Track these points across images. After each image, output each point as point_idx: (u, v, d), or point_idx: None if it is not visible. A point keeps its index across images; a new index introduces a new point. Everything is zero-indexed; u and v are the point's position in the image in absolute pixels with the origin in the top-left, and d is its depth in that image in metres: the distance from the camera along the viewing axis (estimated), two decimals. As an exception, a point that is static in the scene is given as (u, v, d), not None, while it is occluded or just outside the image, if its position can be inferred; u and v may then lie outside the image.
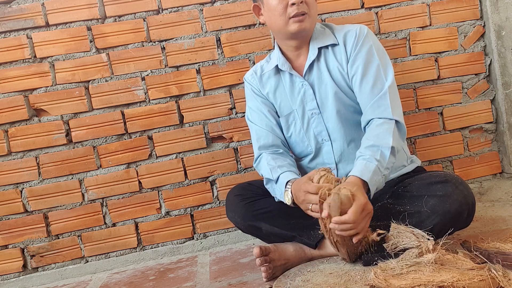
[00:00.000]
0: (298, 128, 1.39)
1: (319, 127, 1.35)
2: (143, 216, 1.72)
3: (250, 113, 1.45)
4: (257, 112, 1.43)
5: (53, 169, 1.67)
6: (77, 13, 1.66)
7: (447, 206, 1.10)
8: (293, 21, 1.25)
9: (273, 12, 1.27)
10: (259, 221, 1.34)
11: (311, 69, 1.34)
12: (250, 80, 1.45)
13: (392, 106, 1.21)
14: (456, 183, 1.12)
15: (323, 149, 1.37)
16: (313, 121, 1.36)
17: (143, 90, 1.70)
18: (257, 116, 1.43)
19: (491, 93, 1.83)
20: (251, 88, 1.44)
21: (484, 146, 1.85)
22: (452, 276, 0.89)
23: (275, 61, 1.39)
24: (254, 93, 1.44)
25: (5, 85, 1.65)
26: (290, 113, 1.39)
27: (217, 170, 1.74)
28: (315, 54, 1.32)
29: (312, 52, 1.33)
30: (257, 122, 1.43)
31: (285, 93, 1.38)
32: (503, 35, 1.77)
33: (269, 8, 1.29)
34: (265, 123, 1.41)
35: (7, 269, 1.67)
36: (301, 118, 1.37)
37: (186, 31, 1.71)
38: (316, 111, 1.35)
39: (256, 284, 1.24)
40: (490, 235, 1.26)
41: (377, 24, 1.77)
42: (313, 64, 1.34)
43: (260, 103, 1.42)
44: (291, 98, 1.37)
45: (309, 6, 1.26)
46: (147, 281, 1.48)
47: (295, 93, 1.36)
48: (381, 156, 1.14)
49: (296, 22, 1.25)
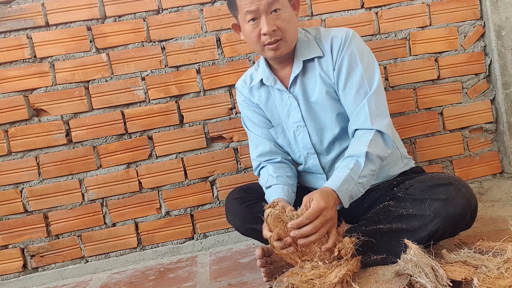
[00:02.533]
0: (287, 139, 1.40)
1: (305, 139, 1.35)
2: (143, 216, 1.72)
3: (245, 121, 1.47)
4: (251, 121, 1.44)
5: (53, 169, 1.67)
6: (77, 13, 1.66)
7: (450, 210, 1.09)
8: (268, 48, 1.24)
9: (248, 38, 1.27)
10: (259, 223, 1.33)
11: (295, 82, 1.32)
12: (240, 89, 1.46)
13: (372, 116, 1.19)
14: (459, 186, 1.12)
15: (309, 161, 1.38)
16: (298, 134, 1.36)
17: (143, 90, 1.70)
18: (251, 124, 1.44)
19: (491, 93, 1.83)
20: (242, 97, 1.45)
21: (484, 146, 1.85)
22: None
23: (260, 73, 1.37)
24: (246, 102, 1.45)
25: (5, 85, 1.65)
26: (279, 124, 1.39)
27: (217, 170, 1.74)
28: (299, 67, 1.30)
29: (296, 66, 1.30)
30: (253, 130, 1.44)
31: (274, 105, 1.39)
32: (503, 35, 1.77)
33: (244, 33, 1.28)
34: (261, 131, 1.42)
35: (7, 269, 1.67)
36: (289, 129, 1.38)
37: (186, 31, 1.71)
38: (301, 123, 1.34)
39: (256, 284, 1.24)
40: (490, 235, 1.26)
41: (377, 24, 1.77)
42: (297, 77, 1.32)
43: (252, 112, 1.43)
44: (280, 110, 1.38)
45: (283, 30, 1.22)
46: (147, 281, 1.48)
47: (282, 104, 1.36)
48: (354, 165, 1.13)
49: (271, 50, 1.24)
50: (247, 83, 1.43)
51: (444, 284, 0.92)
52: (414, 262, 0.98)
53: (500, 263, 0.98)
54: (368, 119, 1.19)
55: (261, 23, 1.20)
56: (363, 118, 1.20)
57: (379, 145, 1.18)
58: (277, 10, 1.20)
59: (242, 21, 1.25)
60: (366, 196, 1.34)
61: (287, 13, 1.23)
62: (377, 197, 1.31)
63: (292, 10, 1.27)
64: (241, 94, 1.45)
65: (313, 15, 1.75)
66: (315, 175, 1.41)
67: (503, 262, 0.97)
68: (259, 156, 1.41)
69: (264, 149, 1.41)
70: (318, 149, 1.35)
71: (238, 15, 1.27)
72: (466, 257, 1.04)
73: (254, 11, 1.19)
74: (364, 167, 1.13)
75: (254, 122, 1.43)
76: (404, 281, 1.01)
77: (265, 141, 1.41)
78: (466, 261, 1.03)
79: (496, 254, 1.04)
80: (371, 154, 1.15)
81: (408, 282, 1.00)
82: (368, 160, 1.14)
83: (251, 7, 1.19)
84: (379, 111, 1.21)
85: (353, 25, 1.74)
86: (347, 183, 1.11)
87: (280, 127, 1.39)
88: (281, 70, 1.35)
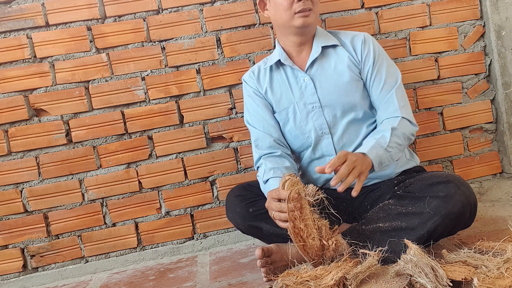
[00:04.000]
0: (298, 120, 1.41)
1: (319, 120, 1.38)
2: (143, 216, 1.72)
3: (248, 115, 1.48)
4: (255, 114, 1.45)
5: (53, 169, 1.67)
6: (77, 13, 1.66)
7: (449, 207, 1.10)
8: (298, 16, 1.31)
9: (279, 7, 1.33)
10: (260, 221, 1.34)
11: (313, 65, 1.39)
12: (248, 80, 1.48)
13: (400, 106, 1.31)
14: (458, 184, 1.12)
15: (322, 141, 1.40)
16: (313, 115, 1.39)
17: (143, 90, 1.70)
18: (254, 118, 1.45)
19: (491, 93, 1.83)
20: (249, 88, 1.47)
21: (484, 146, 1.85)
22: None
23: (276, 56, 1.43)
24: (253, 93, 1.46)
25: (5, 85, 1.65)
26: (290, 106, 1.41)
27: (217, 170, 1.74)
28: (318, 51, 1.38)
29: (315, 49, 1.39)
30: (255, 125, 1.45)
31: (285, 86, 1.42)
32: (503, 35, 1.77)
33: (275, 3, 1.34)
34: (262, 126, 1.44)
35: (7, 269, 1.67)
36: (301, 111, 1.40)
37: (186, 31, 1.71)
38: (317, 105, 1.38)
39: (256, 284, 1.24)
40: (490, 235, 1.26)
41: (377, 24, 1.77)
42: (315, 61, 1.39)
43: (257, 104, 1.45)
44: (292, 91, 1.41)
45: (313, 3, 1.32)
46: (147, 281, 1.48)
47: (296, 86, 1.40)
48: (381, 137, 1.24)
49: (301, 17, 1.31)
50: (255, 73, 1.48)
51: (444, 284, 0.92)
52: (414, 262, 0.98)
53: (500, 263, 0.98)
54: (398, 109, 1.31)
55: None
56: (392, 108, 1.32)
57: (406, 126, 1.30)
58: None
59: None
60: (367, 195, 1.35)
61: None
62: (378, 195, 1.31)
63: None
64: (248, 85, 1.48)
65: (313, 15, 1.74)
66: (324, 158, 1.41)
67: (503, 262, 0.98)
68: (259, 149, 1.43)
69: (264, 143, 1.42)
70: (332, 130, 1.39)
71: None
72: (466, 257, 1.04)
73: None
74: (391, 139, 1.23)
75: (257, 115, 1.45)
76: (404, 281, 1.01)
77: (265, 135, 1.43)
78: (466, 261, 1.03)
79: (496, 254, 1.04)
80: (397, 129, 1.25)
81: (408, 282, 1.00)
82: (394, 134, 1.24)
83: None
84: (405, 102, 1.34)
85: (353, 25, 1.75)
86: (376, 149, 1.20)
87: (292, 108, 1.41)
88: (298, 54, 1.42)
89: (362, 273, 1.03)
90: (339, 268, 1.04)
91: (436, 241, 1.16)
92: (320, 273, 1.03)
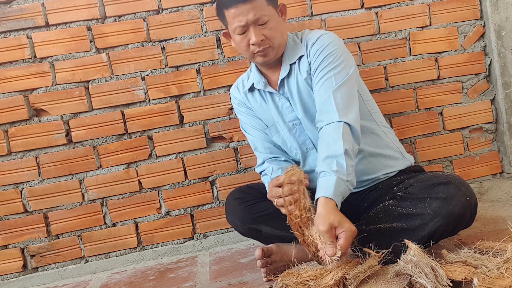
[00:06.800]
0: (282, 138, 1.41)
1: (302, 136, 1.38)
2: (143, 216, 1.72)
3: (243, 124, 1.50)
4: (248, 125, 1.47)
5: (53, 169, 1.67)
6: (77, 13, 1.66)
7: (450, 208, 1.09)
8: (257, 55, 1.30)
9: (239, 46, 1.32)
10: (259, 223, 1.34)
11: (283, 84, 1.36)
12: (235, 95, 1.50)
13: (338, 109, 1.19)
14: (458, 184, 1.12)
15: (309, 157, 1.39)
16: (295, 131, 1.38)
17: (143, 90, 1.70)
18: (249, 128, 1.47)
19: (491, 93, 1.83)
20: (237, 101, 1.48)
21: (484, 146, 1.85)
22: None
23: (252, 78, 1.42)
24: (240, 106, 1.48)
25: (5, 85, 1.65)
26: (273, 125, 1.42)
27: (217, 170, 1.74)
28: (286, 71, 1.34)
29: (284, 69, 1.34)
30: (251, 133, 1.47)
31: (265, 107, 1.41)
32: (503, 35, 1.77)
33: (234, 41, 1.34)
34: (258, 134, 1.45)
35: (7, 269, 1.67)
36: (283, 129, 1.40)
37: (186, 31, 1.71)
38: (297, 122, 1.37)
39: (256, 284, 1.24)
40: (490, 235, 1.26)
41: (377, 24, 1.77)
42: (284, 80, 1.35)
43: (248, 116, 1.46)
44: (272, 111, 1.40)
45: (270, 38, 1.27)
46: (147, 281, 1.48)
47: (273, 106, 1.39)
48: (337, 166, 1.11)
49: (260, 56, 1.29)
50: (240, 89, 1.47)
51: (444, 284, 0.92)
52: (414, 262, 0.98)
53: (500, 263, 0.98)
54: (335, 113, 1.19)
55: (250, 34, 1.26)
56: (331, 112, 1.20)
57: (350, 139, 1.17)
58: (264, 21, 1.25)
59: (232, 32, 1.31)
60: (366, 196, 1.35)
61: (274, 21, 1.28)
62: (377, 196, 1.31)
63: (279, 17, 1.32)
64: (235, 98, 1.49)
65: (313, 15, 1.75)
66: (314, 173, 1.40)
67: (503, 262, 0.98)
68: (261, 155, 1.44)
69: (264, 150, 1.44)
70: (317, 144, 1.35)
71: (228, 26, 1.32)
72: (466, 257, 1.04)
73: (243, 25, 1.25)
74: (347, 165, 1.12)
75: (250, 126, 1.46)
76: (404, 281, 1.01)
77: (264, 142, 1.44)
78: (466, 261, 1.03)
79: (496, 254, 1.04)
80: (348, 150, 1.14)
81: (408, 282, 1.00)
82: (347, 157, 1.13)
83: (240, 22, 1.25)
84: (347, 105, 1.21)
85: (353, 25, 1.75)
86: (339, 186, 1.10)
87: (274, 127, 1.41)
88: (272, 74, 1.39)
89: (362, 273, 1.03)
90: (339, 268, 1.04)
91: (436, 242, 1.16)
92: (320, 273, 1.03)
